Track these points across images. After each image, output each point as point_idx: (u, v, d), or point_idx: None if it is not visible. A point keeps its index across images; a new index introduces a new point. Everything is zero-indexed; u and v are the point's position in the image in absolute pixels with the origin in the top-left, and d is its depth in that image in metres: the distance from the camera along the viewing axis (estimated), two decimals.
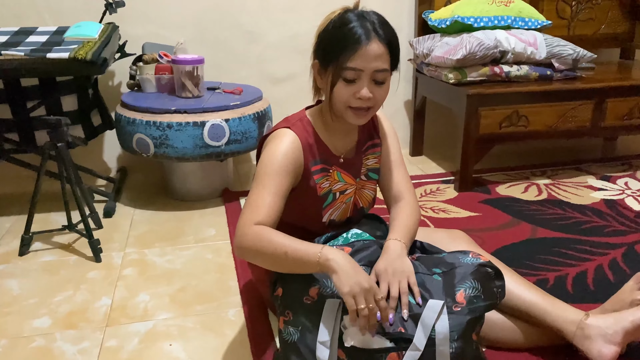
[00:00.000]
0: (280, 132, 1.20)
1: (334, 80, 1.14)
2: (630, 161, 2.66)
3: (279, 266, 1.09)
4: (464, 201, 2.21)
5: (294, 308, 1.11)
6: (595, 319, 1.18)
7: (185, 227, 2.04)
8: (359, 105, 1.15)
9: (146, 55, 2.27)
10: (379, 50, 1.11)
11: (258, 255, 1.08)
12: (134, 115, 2.04)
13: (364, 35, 1.10)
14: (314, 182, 1.23)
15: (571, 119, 2.31)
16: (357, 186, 1.32)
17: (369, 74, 1.12)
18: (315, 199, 1.25)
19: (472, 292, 1.06)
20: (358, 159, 1.31)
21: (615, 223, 1.98)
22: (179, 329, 1.43)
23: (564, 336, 1.21)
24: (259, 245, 1.06)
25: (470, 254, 1.14)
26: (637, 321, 1.15)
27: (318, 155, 1.24)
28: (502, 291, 1.12)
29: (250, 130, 2.09)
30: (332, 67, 1.13)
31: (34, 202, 1.82)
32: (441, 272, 1.10)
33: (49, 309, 1.53)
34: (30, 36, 2.03)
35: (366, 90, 1.13)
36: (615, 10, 2.81)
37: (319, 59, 1.18)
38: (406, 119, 2.89)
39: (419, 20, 2.61)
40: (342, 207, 1.30)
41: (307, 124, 1.24)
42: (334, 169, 1.26)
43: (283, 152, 1.16)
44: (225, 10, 2.52)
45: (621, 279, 1.58)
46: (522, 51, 2.28)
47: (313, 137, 1.23)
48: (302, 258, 1.04)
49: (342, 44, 1.11)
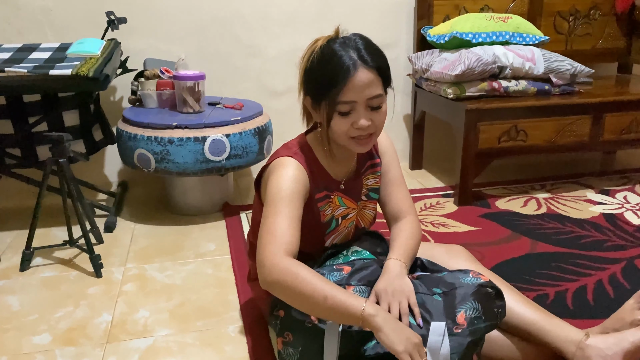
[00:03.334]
0: (284, 160, 1.19)
1: (330, 116, 1.12)
2: (629, 175, 2.67)
3: (312, 309, 1.03)
4: (463, 215, 2.21)
5: (295, 330, 1.11)
6: (595, 339, 1.17)
7: (185, 242, 2.04)
8: (359, 134, 1.14)
9: (148, 71, 2.29)
10: (369, 78, 1.09)
11: (291, 292, 1.02)
12: (135, 131, 2.05)
13: (351, 65, 1.08)
14: (317, 209, 1.23)
15: (569, 134, 2.32)
16: (359, 208, 1.32)
17: (363, 103, 1.11)
18: (318, 226, 1.24)
19: (472, 313, 1.06)
20: (358, 182, 1.31)
21: (614, 237, 1.98)
22: (179, 345, 1.43)
23: (563, 356, 1.20)
24: (294, 282, 1.01)
25: (470, 273, 1.14)
26: (637, 342, 1.14)
27: (320, 183, 1.23)
28: (503, 311, 1.12)
29: (250, 145, 2.10)
30: (325, 103, 1.12)
31: (35, 217, 1.83)
32: (441, 292, 1.10)
33: (49, 325, 1.53)
34: (33, 53, 2.05)
35: (364, 120, 1.12)
36: (612, 26, 2.84)
37: (310, 95, 1.16)
38: (406, 133, 2.91)
39: (417, 35, 2.63)
40: (344, 231, 1.30)
41: (308, 151, 1.23)
42: (335, 195, 1.26)
43: (293, 177, 1.14)
44: (225, 25, 2.54)
45: (621, 294, 1.59)
46: (520, 66, 2.30)
47: (314, 165, 1.23)
48: (343, 308, 0.99)
49: (331, 80, 1.09)
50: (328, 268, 1.15)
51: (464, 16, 2.48)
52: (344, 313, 1.00)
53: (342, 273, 1.13)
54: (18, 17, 2.33)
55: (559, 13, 2.75)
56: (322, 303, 1.00)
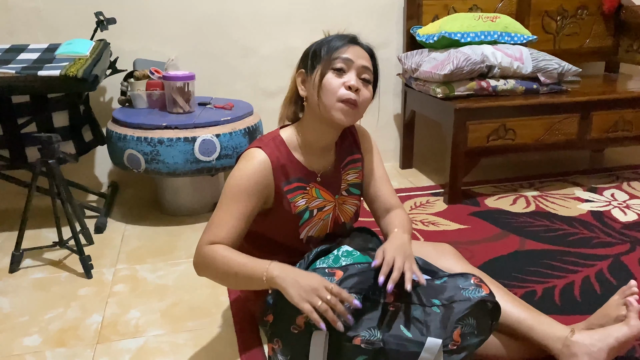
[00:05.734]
0: (250, 152, 1.23)
1: (324, 72, 1.19)
2: (616, 172, 2.70)
3: (232, 284, 1.16)
4: (453, 214, 2.23)
5: (283, 337, 1.10)
6: (581, 335, 1.19)
7: (176, 242, 2.04)
8: (348, 97, 1.18)
9: (137, 72, 2.29)
10: (364, 54, 1.23)
11: (211, 273, 1.16)
12: (125, 131, 2.05)
13: (351, 39, 1.23)
14: (287, 201, 1.25)
15: (557, 132, 2.35)
16: (337, 202, 1.34)
17: (357, 67, 1.20)
18: (290, 218, 1.27)
19: (467, 329, 1.06)
20: (337, 176, 1.34)
21: (601, 234, 2.01)
22: (170, 346, 1.43)
23: (549, 353, 1.22)
24: (212, 264, 1.14)
25: (472, 278, 1.13)
26: (622, 338, 1.16)
27: (292, 174, 1.26)
28: (496, 324, 1.13)
29: (241, 145, 2.11)
30: (323, 63, 1.20)
31: (25, 219, 1.82)
32: (440, 305, 1.09)
33: (40, 326, 1.53)
34: (22, 54, 2.04)
35: (355, 79, 1.19)
36: (600, 25, 2.87)
37: (306, 65, 1.24)
38: (396, 132, 2.93)
39: (407, 35, 2.65)
40: (320, 223, 1.32)
41: (280, 144, 1.26)
42: (311, 186, 1.29)
43: (249, 174, 1.20)
44: (218, 24, 2.54)
45: (607, 290, 1.61)
46: (509, 66, 2.32)
47: (286, 157, 1.26)
48: (250, 276, 1.11)
49: (331, 45, 1.21)
50: (320, 271, 1.14)
51: (452, 16, 2.49)
52: (254, 280, 1.11)
53: (333, 278, 1.11)
54: (8, 18, 2.31)
55: (547, 13, 2.78)
56: (234, 277, 1.12)
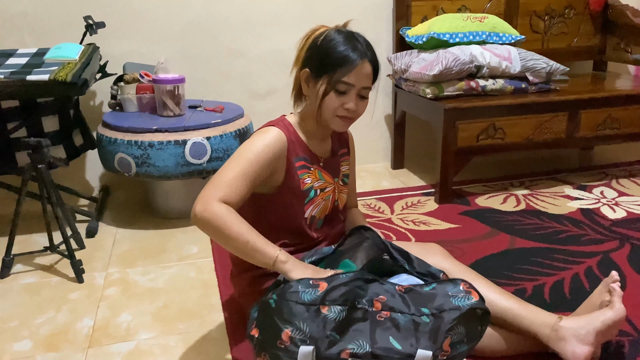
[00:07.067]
0: (265, 128, 1.28)
1: (327, 90, 1.24)
2: (605, 170, 2.73)
3: (235, 249, 1.15)
4: (444, 213, 2.24)
5: (270, 352, 1.08)
6: (569, 320, 1.23)
7: (168, 245, 2.04)
8: (344, 115, 1.26)
9: (127, 75, 2.29)
10: (369, 71, 1.25)
11: (218, 232, 1.13)
12: (116, 135, 2.05)
13: (362, 55, 1.23)
14: (297, 176, 1.30)
15: (547, 131, 2.36)
16: (336, 185, 1.41)
17: (357, 89, 1.25)
18: (299, 194, 1.31)
19: (456, 338, 1.06)
20: (336, 162, 1.42)
21: (591, 232, 2.03)
22: (162, 348, 1.43)
23: (539, 339, 1.24)
24: (222, 224, 1.12)
25: (461, 284, 1.12)
26: (607, 321, 1.20)
27: (300, 153, 1.31)
28: (485, 327, 1.13)
29: (231, 148, 2.11)
30: (326, 78, 1.23)
31: (15, 224, 1.82)
32: (430, 314, 1.08)
33: (30, 331, 1.52)
34: (10, 58, 2.04)
35: (353, 104, 1.25)
36: (587, 24, 2.89)
37: (312, 68, 1.26)
38: (387, 132, 2.94)
39: (396, 36, 2.66)
40: (322, 203, 1.36)
41: (288, 125, 1.32)
42: (315, 168, 1.34)
43: (265, 143, 1.23)
44: (207, 27, 2.55)
45: (596, 287, 1.61)
46: (497, 65, 2.33)
47: (295, 137, 1.31)
48: (261, 253, 1.13)
49: (341, 60, 1.22)
50: (304, 282, 1.10)
51: (441, 16, 2.51)
52: (260, 257, 1.14)
53: (317, 290, 1.08)
54: None
55: (535, 12, 2.80)
56: (243, 245, 1.13)
